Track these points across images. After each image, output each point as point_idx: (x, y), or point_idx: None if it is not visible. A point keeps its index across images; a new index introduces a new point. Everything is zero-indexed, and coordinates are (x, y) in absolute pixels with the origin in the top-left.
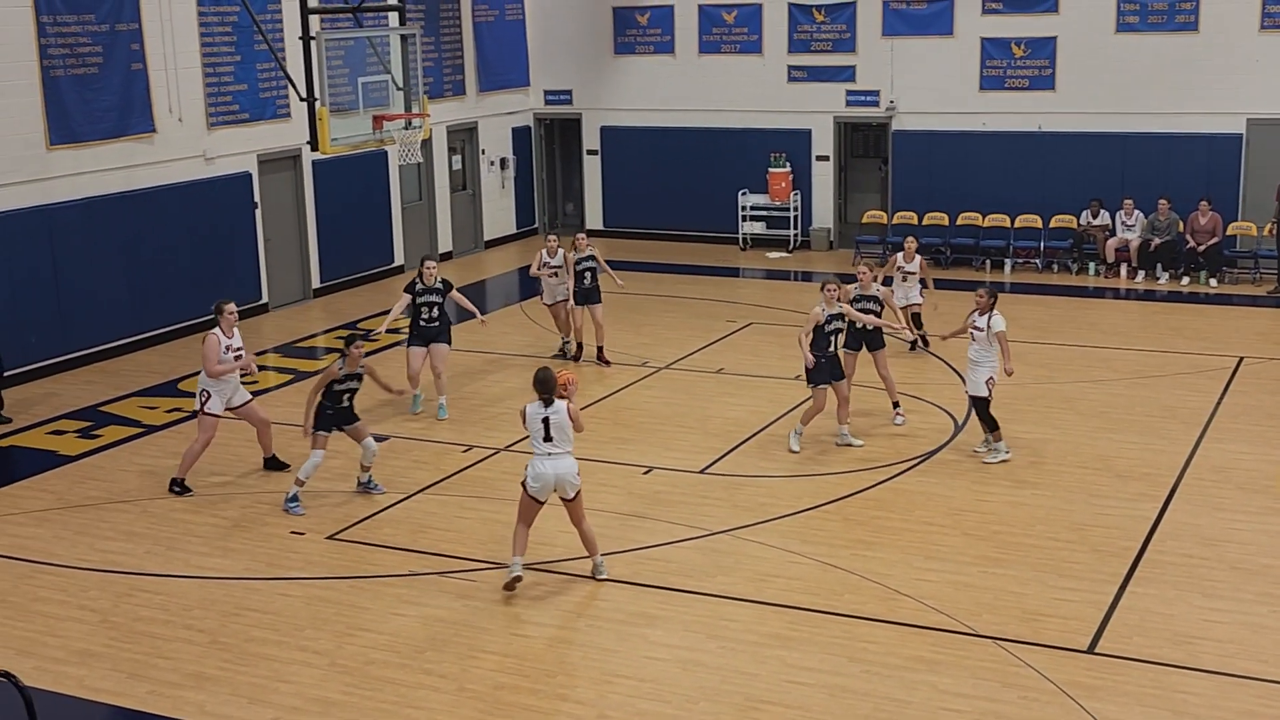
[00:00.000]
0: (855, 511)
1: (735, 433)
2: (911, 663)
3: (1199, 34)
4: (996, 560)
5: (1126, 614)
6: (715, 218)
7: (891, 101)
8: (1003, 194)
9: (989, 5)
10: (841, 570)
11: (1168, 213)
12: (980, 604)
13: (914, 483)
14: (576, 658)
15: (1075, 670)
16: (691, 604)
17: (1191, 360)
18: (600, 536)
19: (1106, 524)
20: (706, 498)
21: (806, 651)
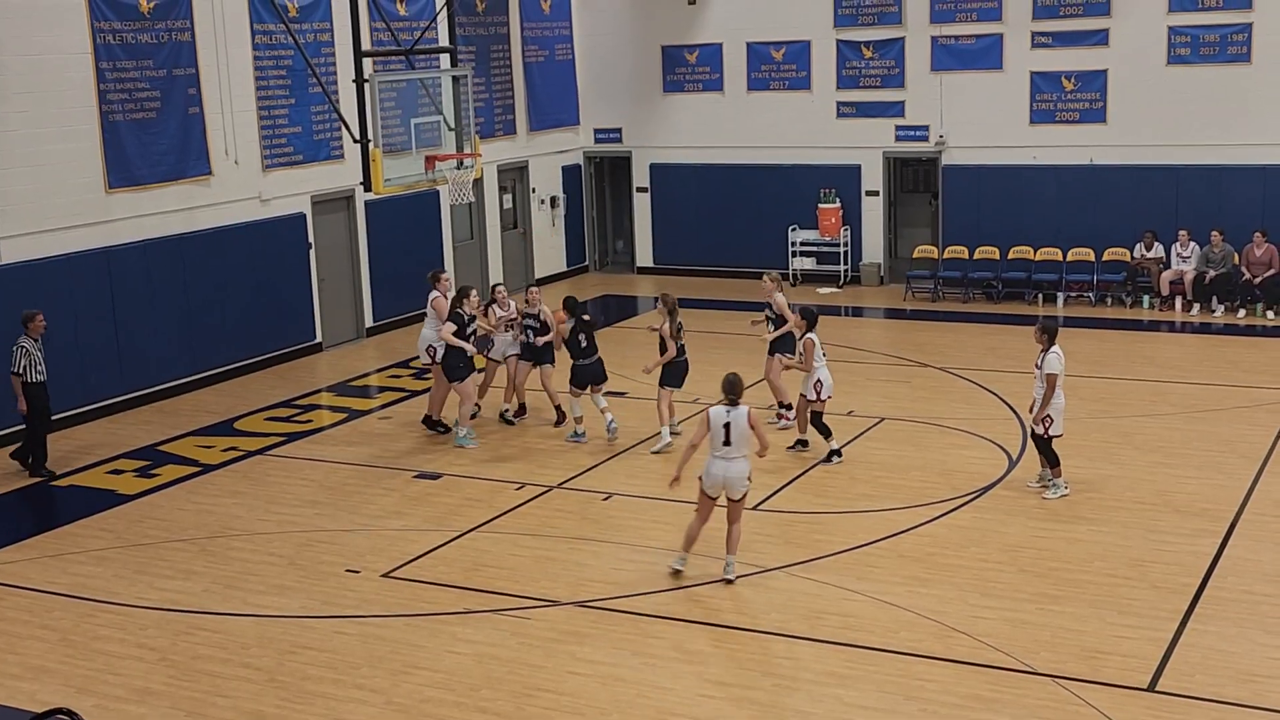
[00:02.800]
0: (910, 548)
1: (788, 469)
2: (969, 701)
3: (1251, 65)
4: (1054, 597)
5: (1188, 651)
6: (765, 254)
7: (941, 136)
8: (1054, 227)
9: (1038, 39)
10: (897, 607)
11: (1222, 244)
12: (1038, 641)
13: (969, 519)
14: (631, 695)
15: (1136, 709)
16: (746, 642)
17: (1249, 394)
18: (651, 574)
19: (1166, 560)
20: (759, 534)
21: (863, 690)
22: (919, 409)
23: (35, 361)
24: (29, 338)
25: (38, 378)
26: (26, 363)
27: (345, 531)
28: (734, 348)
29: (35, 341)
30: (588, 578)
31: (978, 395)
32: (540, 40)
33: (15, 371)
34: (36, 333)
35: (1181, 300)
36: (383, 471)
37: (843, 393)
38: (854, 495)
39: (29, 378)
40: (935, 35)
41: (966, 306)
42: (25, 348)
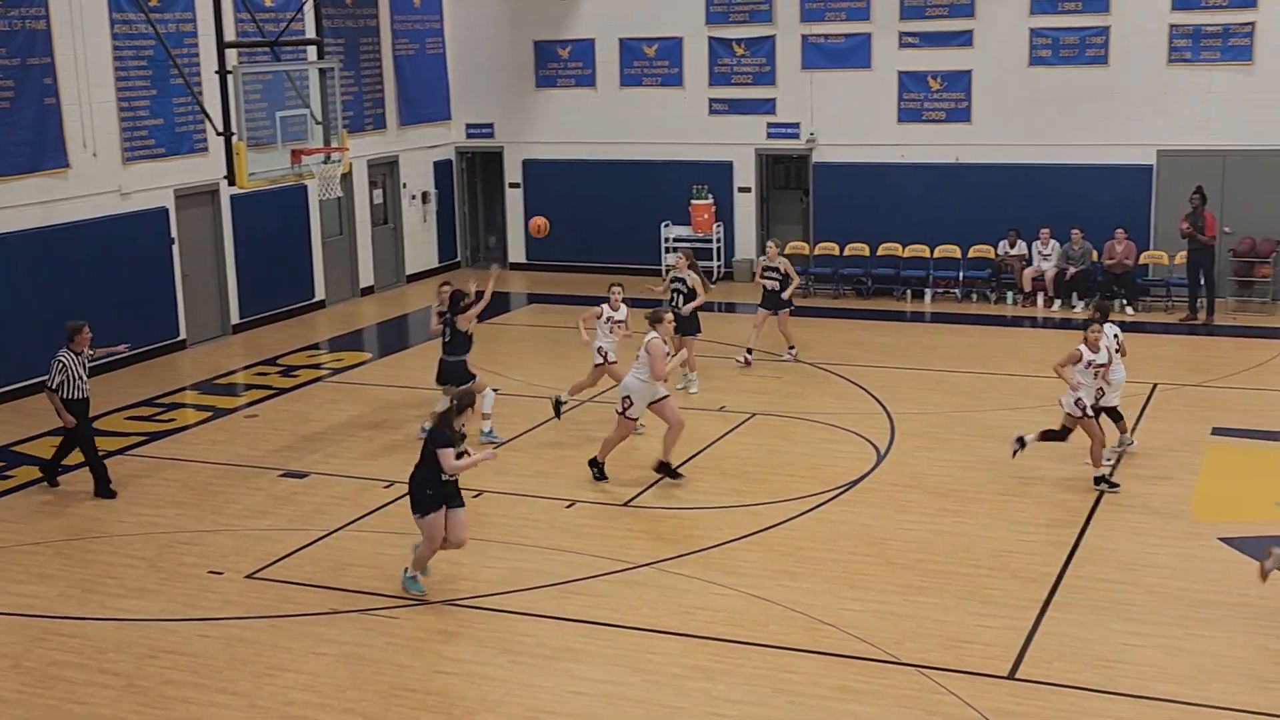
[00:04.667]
0: (779, 542)
1: (633, 459)
2: (836, 692)
3: (1109, 67)
4: (919, 588)
5: (1046, 639)
6: (638, 250)
7: (812, 134)
8: (922, 224)
9: (906, 39)
10: (766, 601)
11: (1081, 242)
12: (903, 632)
13: (838, 513)
14: (499, 694)
15: (997, 696)
16: (615, 638)
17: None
18: (522, 571)
19: (1026, 550)
20: (630, 530)
21: (731, 683)
22: (790, 404)
23: (74, 377)
24: (70, 351)
25: (77, 394)
26: (63, 379)
27: (208, 532)
28: None
29: (78, 355)
30: (457, 576)
31: (848, 390)
32: (410, 33)
33: (51, 388)
34: (82, 346)
35: (1043, 296)
36: (248, 471)
37: (714, 389)
38: (724, 490)
39: (67, 394)
40: (805, 34)
41: (837, 302)
42: (63, 362)
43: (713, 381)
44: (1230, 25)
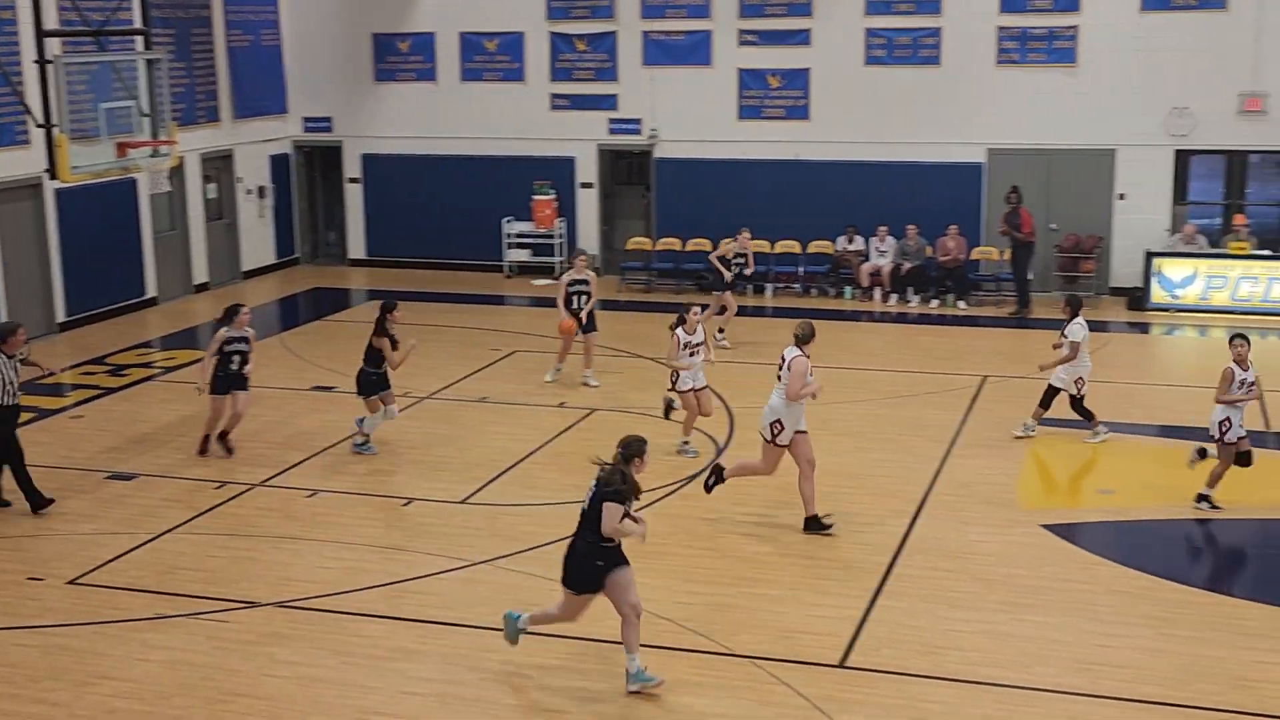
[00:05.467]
0: None
1: (498, 461)
2: (671, 686)
3: (941, 67)
4: (755, 580)
5: (876, 627)
6: (480, 246)
7: (653, 130)
8: (763, 220)
9: (745, 37)
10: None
11: (916, 238)
12: (738, 624)
13: (677, 506)
14: (331, 697)
15: (827, 684)
16: (451, 636)
17: (940, 380)
18: (357, 571)
19: (859, 541)
20: (467, 528)
21: (568, 678)
22: (631, 399)
23: (6, 381)
24: (2, 354)
25: (7, 400)
26: None
27: (29, 537)
28: (454, 341)
29: (10, 359)
30: (290, 577)
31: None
32: (244, 24)
33: None
34: (14, 349)
35: (880, 291)
36: (73, 473)
37: (557, 385)
38: (563, 486)
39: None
40: (646, 30)
41: (679, 297)
42: None
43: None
44: (1055, 28)
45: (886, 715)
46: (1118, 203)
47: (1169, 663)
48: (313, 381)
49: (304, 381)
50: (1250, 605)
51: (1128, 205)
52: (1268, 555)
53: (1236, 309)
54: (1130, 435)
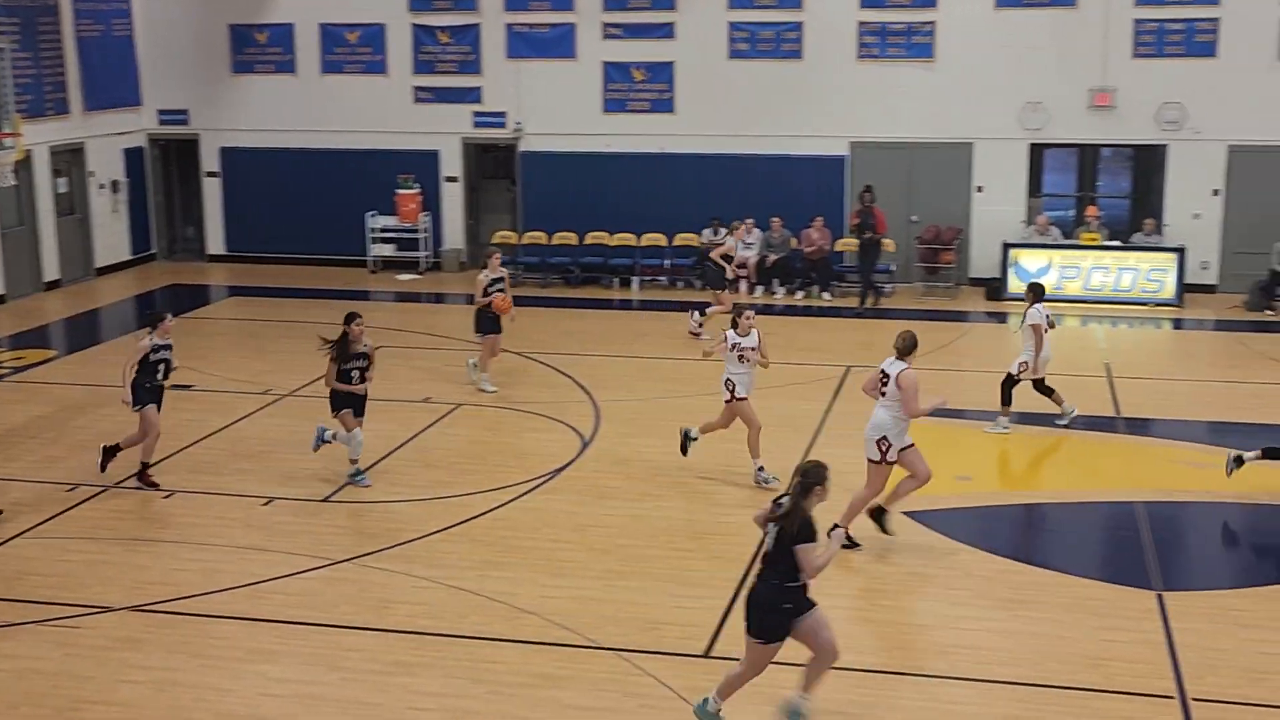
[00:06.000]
0: (482, 532)
1: (363, 459)
2: (536, 680)
3: (803, 61)
4: (621, 573)
5: (740, 617)
6: (343, 241)
7: (518, 123)
8: (629, 213)
9: (609, 30)
10: (467, 592)
11: (781, 230)
12: (604, 617)
13: (542, 501)
14: (188, 701)
15: (692, 675)
16: (312, 636)
17: (805, 370)
18: (215, 573)
19: (725, 531)
20: (331, 526)
21: (430, 677)
22: (496, 394)
23: None
24: None
25: None
26: None
27: None
28: (318, 337)
29: None
30: (145, 580)
31: (554, 379)
32: (95, 14)
33: None
34: None
35: (746, 283)
36: None
37: (422, 380)
38: (427, 482)
39: None
40: (510, 23)
41: (545, 291)
42: None
43: (418, 372)
44: (913, 24)
45: (751, 703)
46: (976, 195)
47: (1023, 644)
48: (170, 380)
49: None
50: (1099, 585)
51: (985, 197)
52: (1115, 537)
53: (1089, 298)
54: (987, 423)
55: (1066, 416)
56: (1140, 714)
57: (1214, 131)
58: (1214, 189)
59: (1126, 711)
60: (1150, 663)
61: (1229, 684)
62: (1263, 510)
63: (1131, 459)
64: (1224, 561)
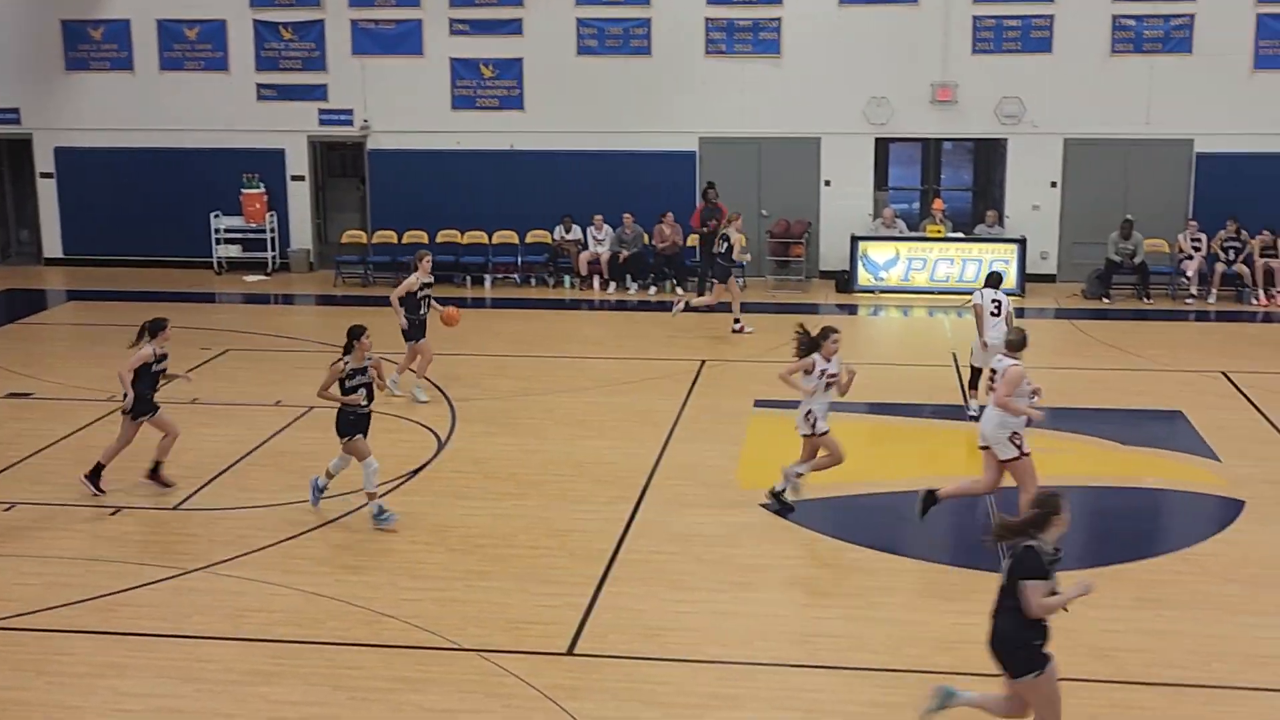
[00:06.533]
0: (340, 536)
1: (213, 464)
2: (396, 684)
3: (653, 58)
4: (481, 573)
5: (603, 613)
6: (187, 242)
7: (365, 121)
8: (480, 211)
9: (457, 26)
10: (324, 597)
11: (633, 226)
12: (465, 618)
13: (399, 502)
14: (37, 719)
15: (555, 673)
16: (165, 648)
17: (660, 365)
18: (61, 586)
19: (585, 529)
20: (181, 534)
21: (289, 685)
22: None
23: None
24: None
25: None
26: None
27: None
28: None
29: None
30: None
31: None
32: None
33: None
34: None
35: (599, 280)
36: None
37: (272, 382)
38: (281, 487)
39: None
40: (355, 19)
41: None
42: None
43: (269, 374)
44: (760, 20)
45: (614, 699)
46: (824, 189)
47: (881, 630)
48: (6, 388)
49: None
50: (952, 570)
51: (833, 191)
52: (966, 522)
53: (935, 289)
54: (841, 414)
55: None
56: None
57: (1051, 125)
58: (1052, 181)
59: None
60: None
61: (1078, 662)
62: (1105, 492)
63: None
64: (1070, 543)
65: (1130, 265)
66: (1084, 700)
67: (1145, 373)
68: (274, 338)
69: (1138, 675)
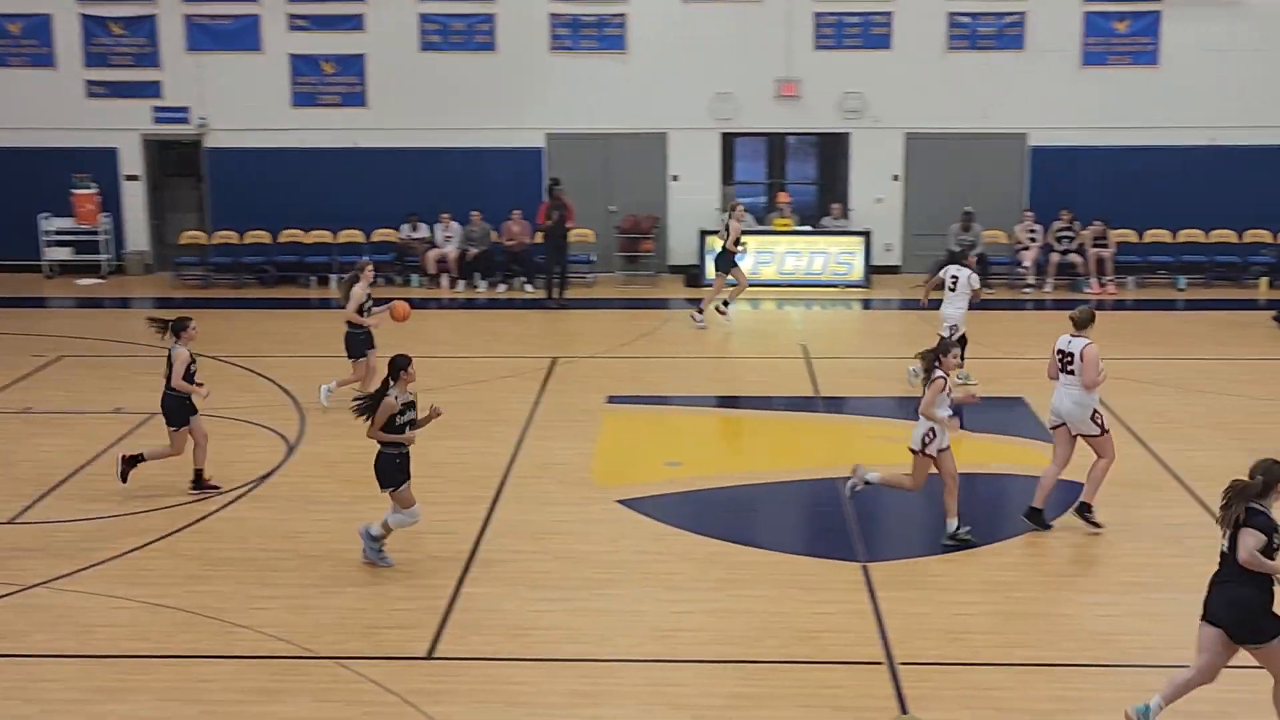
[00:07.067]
0: (188, 546)
1: (49, 476)
2: (252, 695)
3: (497, 53)
4: (336, 579)
5: (462, 615)
6: (14, 245)
7: (202, 118)
8: (324, 210)
9: (295, 21)
10: (173, 609)
11: (481, 223)
12: (320, 625)
13: (247, 510)
14: None
15: (415, 678)
16: (4, 669)
17: (511, 363)
18: None
19: (442, 529)
20: (18, 549)
21: (139, 702)
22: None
23: None
24: None
25: None
26: None
27: None
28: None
29: None
30: None
31: (254, 382)
32: None
33: None
34: None
35: (448, 278)
36: None
37: (111, 389)
38: (123, 497)
39: None
40: (189, 14)
41: (240, 292)
42: None
43: (107, 381)
44: (604, 15)
45: (477, 701)
46: (671, 184)
47: (740, 622)
48: None
49: None
50: (808, 560)
51: (681, 186)
52: (820, 513)
53: (784, 282)
54: (692, 408)
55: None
56: (853, 682)
57: (892, 120)
58: (894, 174)
59: (841, 680)
60: (859, 632)
61: (931, 646)
62: None
63: (831, 436)
64: (920, 530)
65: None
66: (936, 684)
67: (987, 360)
68: (111, 342)
69: (990, 657)
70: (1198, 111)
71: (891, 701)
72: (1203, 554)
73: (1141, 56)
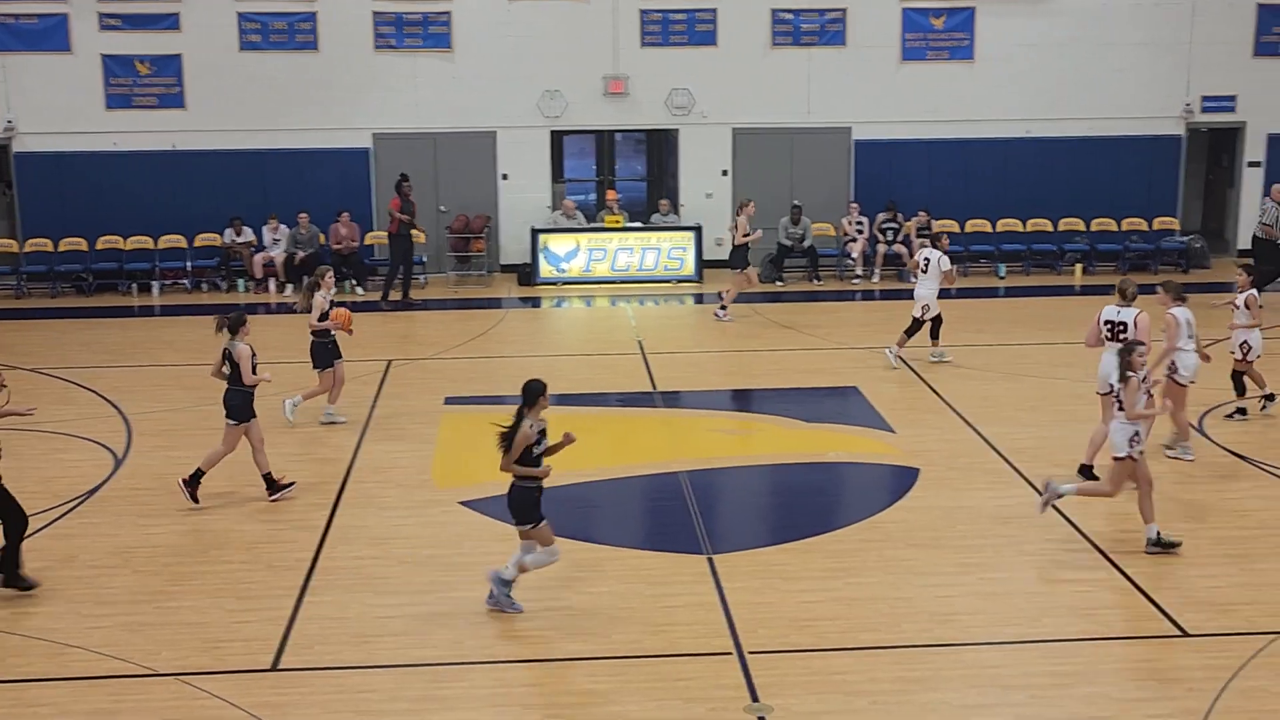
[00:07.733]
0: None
1: None
2: (90, 717)
3: (320, 53)
4: (172, 594)
5: (306, 625)
6: None
7: (9, 122)
8: (144, 215)
9: (107, 21)
10: (2, 632)
11: (309, 226)
12: (159, 641)
13: (76, 526)
14: None
15: (260, 691)
16: None
17: (346, 368)
18: None
19: (280, 538)
20: None
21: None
22: (43, 416)
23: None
24: None
25: None
26: None
27: None
28: None
29: None
30: None
31: (75, 394)
32: None
33: None
34: None
35: (275, 282)
36: None
37: None
38: None
39: None
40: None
41: (56, 302)
42: None
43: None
44: (429, 14)
45: (325, 712)
46: (502, 183)
47: (589, 619)
48: None
49: None
50: (654, 554)
51: (511, 185)
52: (664, 507)
53: (617, 278)
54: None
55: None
56: (705, 673)
57: (719, 115)
58: (723, 170)
59: (692, 672)
60: (708, 623)
61: (779, 634)
62: (792, 469)
63: (670, 431)
64: (763, 521)
65: (800, 249)
66: (785, 671)
67: (820, 351)
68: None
69: (834, 642)
70: (1013, 104)
71: (742, 690)
72: (1033, 531)
73: (958, 52)
